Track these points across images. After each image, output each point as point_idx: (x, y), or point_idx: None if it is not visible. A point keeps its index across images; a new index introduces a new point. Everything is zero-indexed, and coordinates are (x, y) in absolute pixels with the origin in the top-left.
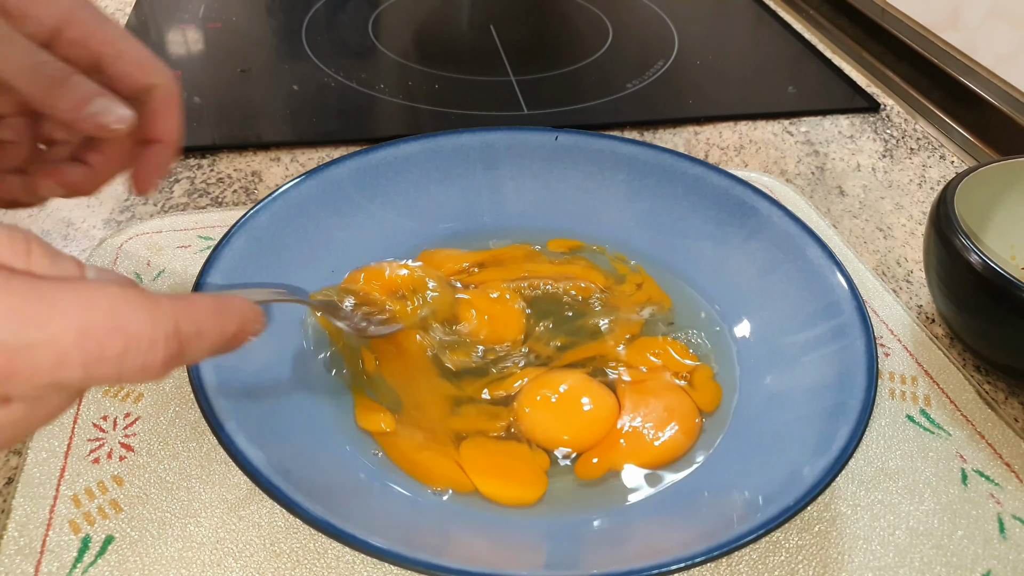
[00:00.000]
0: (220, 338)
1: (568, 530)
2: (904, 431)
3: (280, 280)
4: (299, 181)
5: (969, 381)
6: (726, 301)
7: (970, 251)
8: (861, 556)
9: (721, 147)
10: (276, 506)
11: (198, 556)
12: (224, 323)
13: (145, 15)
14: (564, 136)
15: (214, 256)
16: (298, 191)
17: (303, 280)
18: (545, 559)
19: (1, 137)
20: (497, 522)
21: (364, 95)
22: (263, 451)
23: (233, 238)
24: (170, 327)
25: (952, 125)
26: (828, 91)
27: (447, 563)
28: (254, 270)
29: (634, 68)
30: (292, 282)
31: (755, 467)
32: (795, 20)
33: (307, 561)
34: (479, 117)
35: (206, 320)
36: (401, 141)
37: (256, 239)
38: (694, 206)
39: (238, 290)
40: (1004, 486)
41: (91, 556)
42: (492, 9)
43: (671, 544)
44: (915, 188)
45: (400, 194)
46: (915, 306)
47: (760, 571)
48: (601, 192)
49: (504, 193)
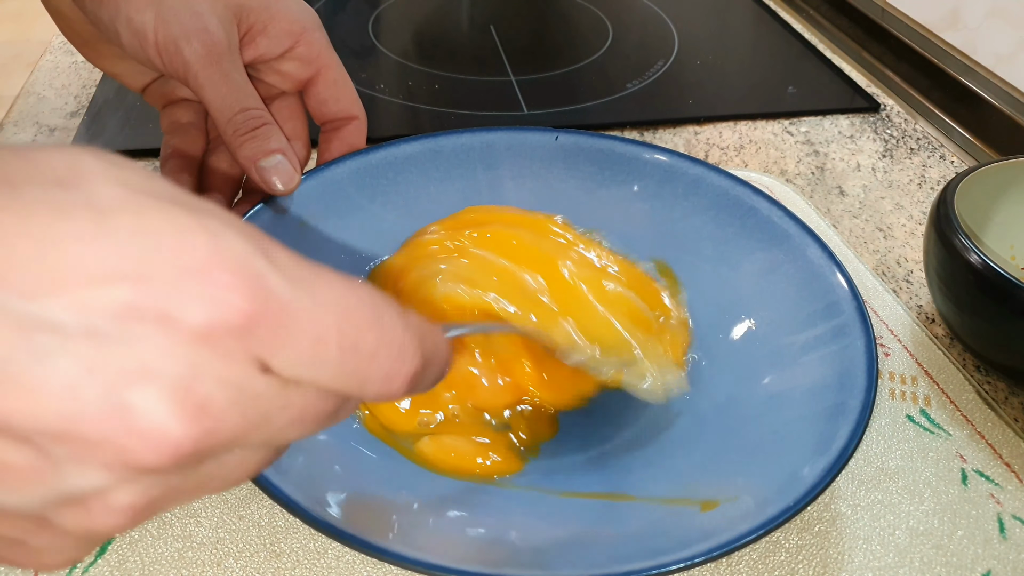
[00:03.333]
0: (439, 373)
1: (567, 520)
2: (904, 431)
3: None
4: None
5: (969, 381)
6: (726, 301)
7: (970, 251)
8: (861, 556)
9: (721, 147)
10: (276, 506)
11: (198, 556)
12: (448, 355)
13: None
14: (564, 136)
15: None
16: (298, 191)
17: None
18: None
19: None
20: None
21: (364, 95)
22: None
23: None
24: (417, 339)
25: (952, 125)
26: (828, 91)
27: (446, 563)
28: None
29: (634, 68)
30: None
31: (755, 467)
32: (795, 20)
33: (307, 561)
34: (479, 117)
35: (440, 345)
36: (401, 141)
37: None
38: (694, 206)
39: None
40: (1004, 486)
41: (91, 556)
42: (492, 9)
43: (670, 544)
44: (915, 188)
45: (400, 194)
46: (915, 306)
47: (760, 571)
48: (601, 192)
49: (504, 193)
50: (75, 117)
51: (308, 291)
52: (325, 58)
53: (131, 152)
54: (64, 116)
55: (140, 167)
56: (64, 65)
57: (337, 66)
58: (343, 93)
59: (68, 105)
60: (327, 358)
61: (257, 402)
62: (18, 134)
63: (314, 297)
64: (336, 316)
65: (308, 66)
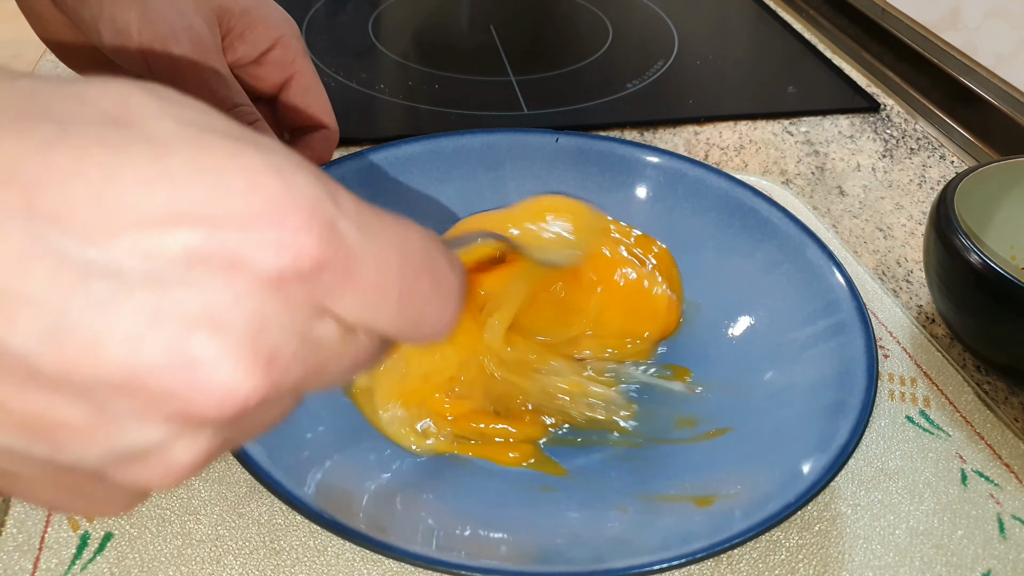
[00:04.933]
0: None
1: (566, 516)
2: (904, 432)
3: None
4: None
5: (968, 382)
6: (726, 301)
7: (970, 251)
8: (861, 555)
9: (721, 147)
10: (276, 503)
11: (197, 553)
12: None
13: None
14: (565, 138)
15: None
16: None
17: None
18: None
19: None
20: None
21: (364, 95)
22: (263, 446)
23: None
24: (461, 278)
25: (952, 125)
26: (828, 91)
27: (450, 559)
28: None
29: (634, 68)
30: None
31: (755, 464)
32: (795, 20)
33: (307, 558)
34: (479, 117)
35: (463, 271)
36: (402, 142)
37: None
38: (695, 208)
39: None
40: (1004, 486)
41: (90, 553)
42: (492, 9)
43: (670, 540)
44: (915, 188)
45: (400, 195)
46: (915, 306)
47: (760, 570)
48: (602, 194)
49: (506, 194)
50: None
51: (372, 236)
52: (299, 64)
53: None
54: None
55: (196, 103)
56: (64, 65)
57: (311, 73)
58: (314, 100)
59: None
60: (388, 305)
61: (318, 351)
62: None
63: (378, 242)
64: (396, 262)
65: (282, 71)
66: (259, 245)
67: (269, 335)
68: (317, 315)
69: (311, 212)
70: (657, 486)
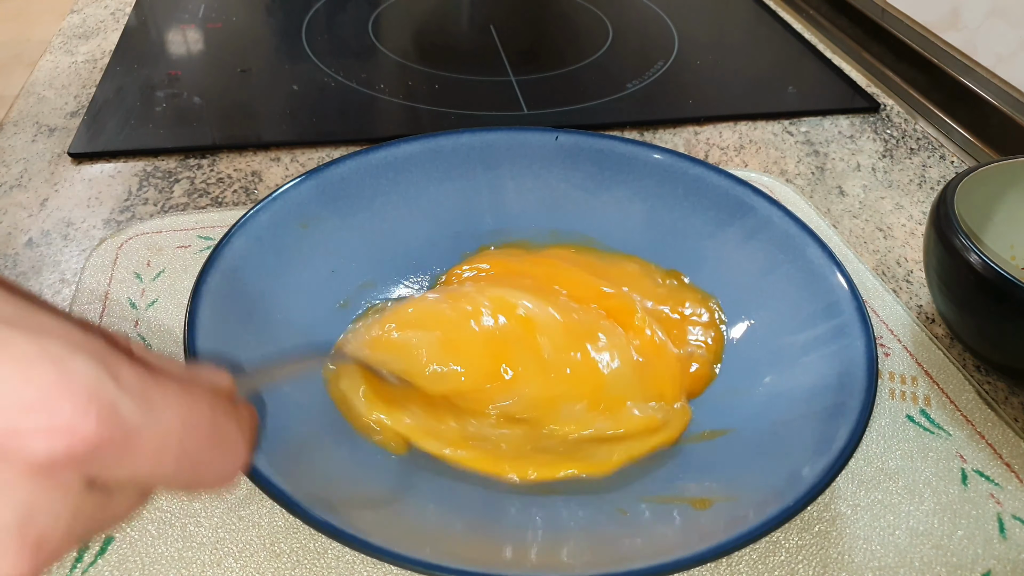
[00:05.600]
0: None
1: (565, 521)
2: (904, 431)
3: (279, 280)
4: (299, 181)
5: (969, 381)
6: (726, 301)
7: (970, 251)
8: (861, 556)
9: (721, 147)
10: (276, 506)
11: (198, 556)
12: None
13: (145, 15)
14: (564, 136)
15: (214, 256)
16: (298, 191)
17: (303, 280)
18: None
19: None
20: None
21: (364, 95)
22: (262, 452)
23: (233, 238)
24: (249, 434)
25: (952, 125)
26: (828, 91)
27: (447, 563)
28: (254, 270)
29: (634, 68)
30: (292, 282)
31: (755, 467)
32: (795, 20)
33: (307, 561)
34: (479, 117)
35: (254, 421)
36: (401, 141)
37: (256, 239)
38: (694, 206)
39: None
40: (1004, 486)
41: (91, 556)
42: (492, 9)
43: (671, 544)
44: (915, 188)
45: (400, 194)
46: (915, 306)
47: (760, 571)
48: (601, 192)
49: (505, 193)
50: (75, 117)
51: (154, 410)
52: None
53: (130, 152)
54: (64, 116)
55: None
56: (64, 65)
57: None
58: None
59: (68, 105)
60: (165, 469)
61: (91, 518)
62: (18, 134)
63: (160, 415)
64: (178, 432)
65: None
66: (31, 434)
67: (37, 522)
68: (90, 487)
69: (88, 396)
70: (656, 488)
